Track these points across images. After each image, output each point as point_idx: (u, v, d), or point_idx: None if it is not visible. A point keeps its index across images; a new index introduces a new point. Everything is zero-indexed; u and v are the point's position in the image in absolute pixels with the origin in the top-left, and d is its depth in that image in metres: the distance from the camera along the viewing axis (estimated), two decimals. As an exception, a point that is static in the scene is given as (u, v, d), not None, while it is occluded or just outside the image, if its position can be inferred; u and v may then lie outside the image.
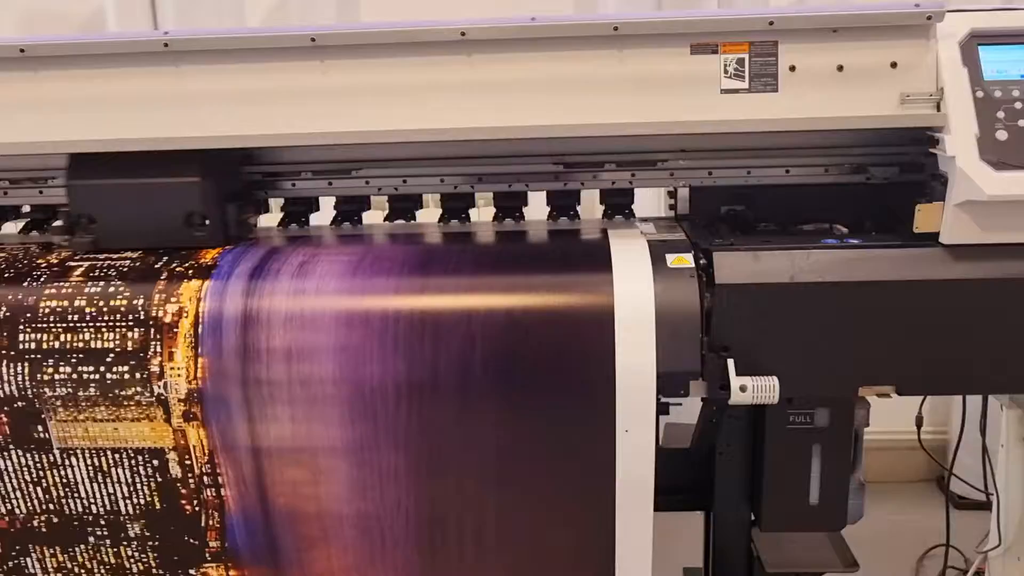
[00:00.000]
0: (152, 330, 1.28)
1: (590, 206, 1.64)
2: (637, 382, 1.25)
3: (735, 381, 1.27)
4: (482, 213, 1.62)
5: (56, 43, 1.34)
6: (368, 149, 1.46)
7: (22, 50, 1.33)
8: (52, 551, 1.41)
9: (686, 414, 1.57)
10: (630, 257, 1.31)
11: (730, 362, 1.28)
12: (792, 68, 1.31)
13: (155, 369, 1.28)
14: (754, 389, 1.27)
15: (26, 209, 1.62)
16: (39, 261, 1.38)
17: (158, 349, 1.28)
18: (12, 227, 1.66)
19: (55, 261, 1.37)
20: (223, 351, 1.27)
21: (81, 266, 1.35)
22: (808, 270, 1.29)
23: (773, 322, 1.30)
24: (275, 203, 1.62)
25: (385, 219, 1.60)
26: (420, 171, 1.51)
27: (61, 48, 1.34)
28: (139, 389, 1.29)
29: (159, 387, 1.28)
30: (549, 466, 1.31)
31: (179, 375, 1.28)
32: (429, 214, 1.62)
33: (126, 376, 1.28)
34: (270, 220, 1.62)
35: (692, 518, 1.76)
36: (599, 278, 1.28)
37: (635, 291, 1.27)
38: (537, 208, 1.59)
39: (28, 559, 1.41)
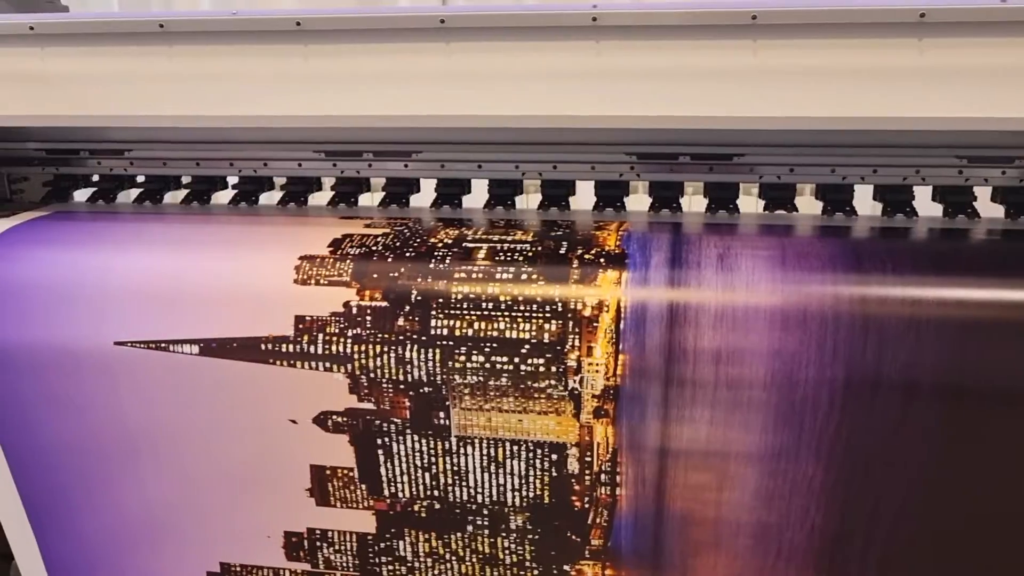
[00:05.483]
0: (571, 323, 1.22)
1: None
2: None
3: None
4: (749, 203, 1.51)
5: None
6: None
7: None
8: (427, 536, 1.38)
9: None
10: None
11: None
12: None
13: (572, 364, 1.22)
14: None
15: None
16: (432, 240, 1.33)
17: (576, 343, 1.22)
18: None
19: (449, 240, 1.33)
20: (646, 348, 1.21)
21: (481, 248, 1.30)
22: None
23: None
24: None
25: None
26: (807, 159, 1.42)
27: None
28: (553, 382, 1.23)
29: (574, 382, 1.23)
30: (984, 494, 1.21)
31: (597, 371, 1.22)
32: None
33: (541, 369, 1.23)
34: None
35: None
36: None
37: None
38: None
39: (401, 542, 1.40)
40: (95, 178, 1.71)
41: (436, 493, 1.34)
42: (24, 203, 1.65)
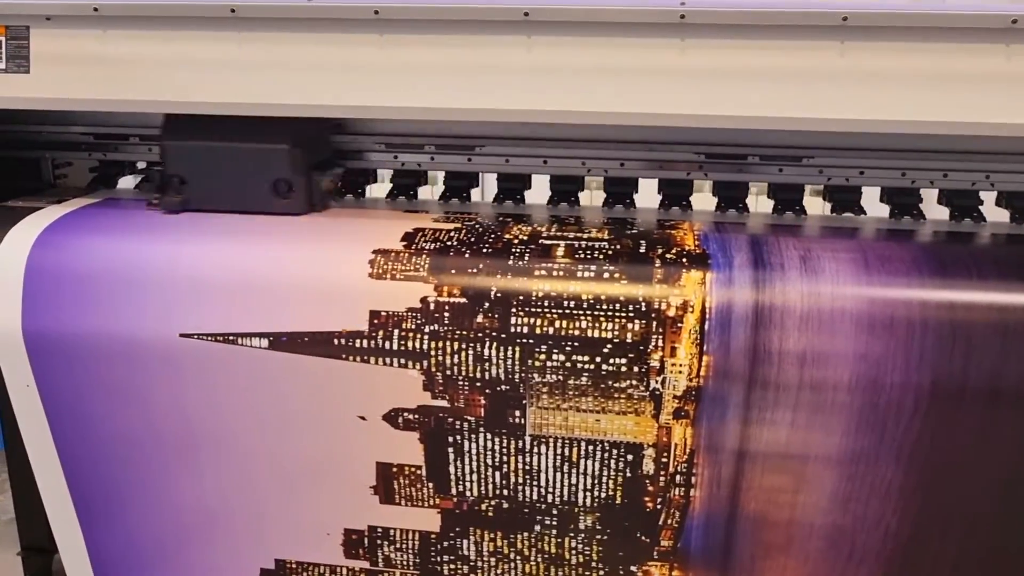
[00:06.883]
0: (655, 323, 1.20)
1: None
2: None
3: None
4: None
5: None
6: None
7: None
8: (492, 535, 1.37)
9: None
10: None
11: None
12: None
13: (655, 364, 1.21)
14: None
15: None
16: (507, 236, 1.31)
17: (660, 343, 1.21)
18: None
19: (524, 237, 1.31)
20: (731, 350, 1.20)
21: (558, 245, 1.29)
22: None
23: None
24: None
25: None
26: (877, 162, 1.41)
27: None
28: (634, 383, 1.22)
29: (656, 382, 1.21)
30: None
31: (680, 372, 1.21)
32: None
33: (623, 369, 1.22)
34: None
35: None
36: None
37: None
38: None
39: (465, 540, 1.38)
40: (140, 165, 1.67)
41: (505, 492, 1.33)
42: (69, 189, 1.61)
